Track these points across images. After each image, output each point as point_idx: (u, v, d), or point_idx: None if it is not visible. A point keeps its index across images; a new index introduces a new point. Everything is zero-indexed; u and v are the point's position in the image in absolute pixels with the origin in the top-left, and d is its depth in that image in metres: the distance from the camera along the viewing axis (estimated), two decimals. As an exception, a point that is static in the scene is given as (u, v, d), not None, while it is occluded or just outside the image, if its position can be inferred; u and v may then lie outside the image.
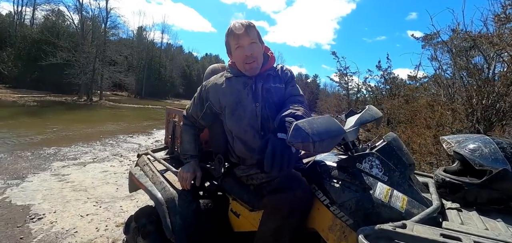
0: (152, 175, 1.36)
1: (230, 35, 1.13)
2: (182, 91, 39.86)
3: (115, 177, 3.68)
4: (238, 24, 1.11)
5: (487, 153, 0.88)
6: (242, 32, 1.09)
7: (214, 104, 1.18)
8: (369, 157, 0.93)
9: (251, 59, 1.10)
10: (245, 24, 1.11)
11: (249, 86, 1.13)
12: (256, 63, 1.12)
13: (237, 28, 1.10)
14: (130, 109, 16.94)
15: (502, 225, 0.78)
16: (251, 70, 1.12)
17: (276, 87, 1.15)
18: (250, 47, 1.10)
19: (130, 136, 7.17)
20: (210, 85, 1.20)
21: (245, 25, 1.10)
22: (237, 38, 1.10)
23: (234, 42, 1.12)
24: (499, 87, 3.14)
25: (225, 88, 1.15)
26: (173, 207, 1.14)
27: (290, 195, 0.94)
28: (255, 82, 1.13)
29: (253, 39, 1.11)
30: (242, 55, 1.10)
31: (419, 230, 0.70)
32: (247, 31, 1.09)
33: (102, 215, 2.53)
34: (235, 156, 1.22)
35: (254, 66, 1.11)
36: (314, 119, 0.83)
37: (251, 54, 1.10)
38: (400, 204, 0.83)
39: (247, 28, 1.10)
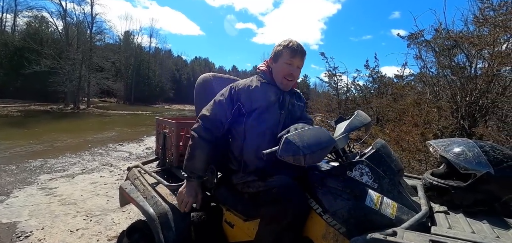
0: (143, 189, 1.33)
1: (287, 48, 1.20)
2: (172, 95, 39.44)
3: (105, 188, 3.59)
4: (299, 45, 1.21)
5: (471, 157, 0.91)
6: (299, 54, 1.20)
7: (244, 105, 1.19)
8: (359, 164, 0.95)
9: (291, 78, 1.21)
10: (304, 50, 1.24)
11: (278, 96, 1.22)
12: (292, 83, 1.25)
13: (297, 48, 1.20)
14: (119, 116, 16.59)
15: (487, 227, 0.81)
16: (286, 87, 1.23)
17: (298, 105, 1.30)
18: (296, 70, 1.22)
19: (120, 144, 7.02)
20: (241, 87, 1.22)
21: (304, 51, 1.24)
22: (293, 55, 1.19)
23: (288, 56, 1.20)
24: (481, 84, 3.26)
25: (258, 93, 1.20)
26: (165, 222, 1.12)
27: (289, 206, 0.94)
28: (283, 94, 1.23)
29: (301, 66, 1.25)
30: (287, 71, 1.20)
31: (409, 237, 0.72)
32: (302, 56, 1.22)
33: (93, 229, 2.46)
34: (236, 163, 1.21)
35: (289, 84, 1.23)
36: (304, 131, 0.84)
37: (294, 76, 1.22)
38: (390, 210, 0.85)
39: (304, 54, 1.23)
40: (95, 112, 18.09)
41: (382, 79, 7.14)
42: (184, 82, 46.28)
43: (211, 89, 1.39)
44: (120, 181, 3.91)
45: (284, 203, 0.96)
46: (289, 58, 1.19)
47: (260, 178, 1.10)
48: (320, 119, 7.31)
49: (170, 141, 1.53)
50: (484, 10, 3.08)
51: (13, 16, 22.79)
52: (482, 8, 3.07)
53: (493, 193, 0.90)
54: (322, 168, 1.05)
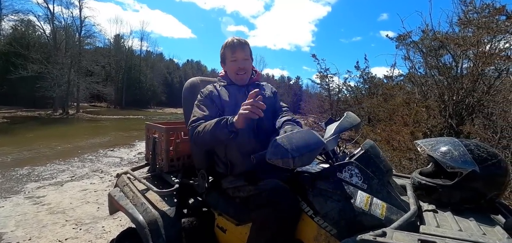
0: (133, 196, 1.30)
1: (227, 48, 1.28)
2: (164, 99, 39.03)
3: (95, 195, 3.50)
4: (236, 40, 1.27)
5: (457, 156, 0.93)
6: (238, 47, 1.25)
7: (218, 107, 1.23)
8: (349, 166, 0.95)
9: (242, 72, 1.26)
10: (242, 41, 1.28)
11: (243, 91, 1.25)
12: (246, 75, 1.29)
13: (234, 43, 1.26)
14: (109, 121, 16.27)
15: (474, 224, 0.83)
16: (241, 81, 1.28)
17: (267, 97, 1.30)
18: (243, 62, 1.26)
19: (111, 150, 6.88)
20: (210, 90, 1.27)
21: (242, 42, 1.27)
22: (233, 52, 1.25)
23: (230, 54, 1.26)
24: (467, 83, 3.36)
25: (223, 93, 1.26)
26: (155, 230, 1.10)
27: (279, 210, 0.94)
28: (247, 88, 1.26)
29: (247, 56, 1.28)
30: (235, 67, 1.26)
31: (398, 237, 0.73)
32: (242, 48, 1.26)
33: (82, 238, 2.39)
34: (223, 165, 1.21)
35: (244, 77, 1.28)
36: (293, 134, 0.84)
37: (244, 68, 1.26)
38: (379, 211, 0.85)
39: (243, 45, 1.27)
40: (85, 117, 17.70)
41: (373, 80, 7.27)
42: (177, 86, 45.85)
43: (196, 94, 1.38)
44: (110, 187, 3.82)
45: (274, 207, 0.95)
46: (232, 55, 1.25)
47: (250, 182, 1.10)
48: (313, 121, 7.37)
49: (160, 146, 1.51)
50: (467, 13, 3.18)
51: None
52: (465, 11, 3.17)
53: (478, 190, 0.92)
54: (312, 170, 1.05)
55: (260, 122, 1.15)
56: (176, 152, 1.49)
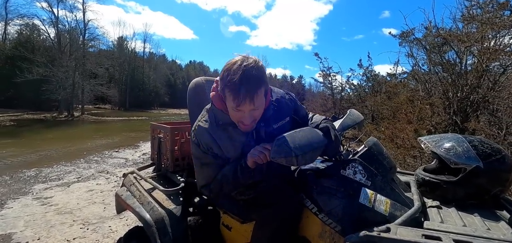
0: (140, 195, 1.33)
1: (229, 90, 0.85)
2: (167, 100, 39.25)
3: (102, 195, 3.55)
4: (244, 85, 0.82)
5: (460, 152, 0.94)
6: (246, 100, 0.83)
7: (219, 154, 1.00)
8: (352, 163, 0.96)
9: (248, 122, 0.90)
10: (252, 89, 0.83)
11: (250, 134, 0.98)
12: (254, 124, 0.94)
13: (240, 92, 0.82)
14: (114, 123, 16.43)
15: (479, 220, 0.83)
16: (248, 130, 0.95)
17: (278, 127, 1.02)
18: (250, 114, 0.88)
19: (116, 151, 6.95)
20: (205, 140, 0.98)
21: (252, 90, 0.83)
22: (237, 104, 0.84)
23: (231, 102, 0.86)
24: (471, 80, 3.33)
25: (225, 141, 0.98)
26: (162, 228, 1.12)
27: (279, 209, 0.96)
28: (255, 128, 0.97)
29: (258, 105, 0.87)
30: (239, 117, 0.90)
31: (402, 233, 0.73)
32: (252, 99, 0.84)
33: (90, 237, 2.43)
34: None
35: (251, 127, 0.93)
36: (296, 133, 0.85)
37: (254, 118, 0.91)
38: (383, 207, 0.86)
39: (253, 95, 0.84)
40: (90, 119, 17.88)
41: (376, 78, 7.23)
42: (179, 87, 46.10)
43: (203, 93, 1.39)
44: (116, 188, 3.87)
45: (275, 207, 0.97)
46: (235, 106, 0.85)
47: (250, 186, 1.09)
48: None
49: (165, 145, 1.53)
50: (471, 8, 3.15)
51: (4, 24, 22.43)
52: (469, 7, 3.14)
53: (483, 186, 0.92)
54: (316, 167, 1.06)
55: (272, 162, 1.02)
56: (181, 151, 1.51)
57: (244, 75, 0.82)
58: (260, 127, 0.98)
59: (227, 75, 0.85)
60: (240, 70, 0.83)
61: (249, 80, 0.83)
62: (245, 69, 0.83)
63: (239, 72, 0.82)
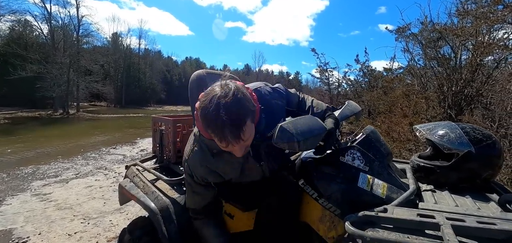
0: (143, 185, 1.36)
1: (211, 131, 0.76)
2: (164, 97, 39.01)
3: (101, 191, 3.57)
4: (227, 132, 0.73)
5: (453, 138, 0.98)
6: (232, 140, 0.75)
7: (218, 181, 1.02)
8: (351, 150, 1.00)
9: (239, 153, 0.83)
10: (237, 130, 0.74)
11: (246, 154, 0.93)
12: (248, 148, 0.88)
13: (225, 137, 0.74)
14: (110, 120, 16.32)
15: (470, 201, 0.88)
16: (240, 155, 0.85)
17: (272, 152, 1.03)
18: (241, 147, 0.80)
19: (113, 147, 6.94)
20: (200, 173, 0.95)
21: (237, 133, 0.74)
22: (224, 144, 0.77)
23: (218, 142, 0.78)
24: (466, 74, 3.40)
25: (223, 167, 0.95)
26: (167, 216, 1.15)
27: (281, 197, 1.00)
28: (250, 147, 0.91)
29: (247, 137, 0.79)
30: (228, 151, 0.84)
31: (398, 212, 0.78)
32: (239, 138, 0.75)
33: (91, 231, 2.45)
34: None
35: (242, 154, 0.84)
36: (297, 120, 0.89)
37: (244, 147, 0.82)
38: (381, 191, 0.90)
39: (240, 134, 0.75)
40: (86, 116, 17.72)
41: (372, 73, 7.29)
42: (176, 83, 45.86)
43: (205, 87, 1.41)
44: (115, 184, 3.89)
45: (275, 194, 1.03)
46: (222, 146, 0.79)
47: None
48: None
49: (167, 138, 1.56)
50: (465, 3, 3.20)
51: (-5, 20, 21.98)
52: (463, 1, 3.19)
53: (474, 170, 0.97)
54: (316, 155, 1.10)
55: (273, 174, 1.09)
56: (182, 143, 1.54)
57: (225, 115, 0.71)
58: (256, 139, 0.88)
59: (206, 114, 0.74)
60: (219, 110, 0.71)
61: (232, 119, 0.72)
62: (225, 107, 0.72)
63: (219, 112, 0.71)
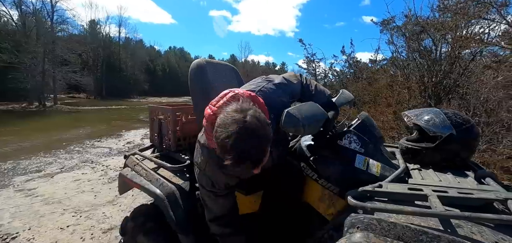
0: (146, 173, 1.38)
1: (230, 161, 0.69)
2: (147, 88, 37.75)
3: (90, 184, 3.49)
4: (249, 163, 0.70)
5: (438, 122, 1.09)
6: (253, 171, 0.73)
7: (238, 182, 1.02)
8: (348, 134, 1.09)
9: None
10: (260, 159, 0.72)
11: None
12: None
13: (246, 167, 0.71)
14: (92, 112, 15.66)
15: (451, 177, 1.00)
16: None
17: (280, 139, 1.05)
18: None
19: (98, 140, 6.72)
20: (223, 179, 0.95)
21: (260, 161, 0.72)
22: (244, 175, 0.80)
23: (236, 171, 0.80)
24: (445, 66, 3.63)
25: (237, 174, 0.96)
26: (174, 201, 1.19)
27: (286, 180, 1.07)
28: None
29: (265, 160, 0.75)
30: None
31: (391, 187, 0.88)
32: (260, 166, 0.74)
33: (84, 224, 2.43)
34: None
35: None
36: (302, 106, 0.95)
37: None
38: (375, 170, 1.00)
39: (262, 161, 0.73)
40: (64, 109, 16.85)
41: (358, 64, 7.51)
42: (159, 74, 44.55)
43: (206, 77, 1.44)
44: (104, 177, 3.82)
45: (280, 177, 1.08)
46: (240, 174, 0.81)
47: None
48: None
49: (166, 127, 1.57)
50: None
51: (-43, 5, 20.03)
52: (442, -3, 3.37)
53: (454, 151, 1.09)
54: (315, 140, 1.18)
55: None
56: (182, 132, 1.57)
57: (249, 142, 0.67)
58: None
59: (225, 140, 0.67)
60: (244, 137, 0.66)
61: (255, 146, 0.68)
62: (250, 132, 0.67)
63: (244, 139, 0.66)
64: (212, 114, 0.79)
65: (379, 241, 0.66)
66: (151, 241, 1.32)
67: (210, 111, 0.80)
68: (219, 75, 1.54)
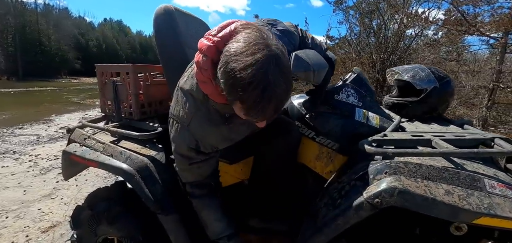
0: (104, 147, 1.09)
1: (244, 104, 0.57)
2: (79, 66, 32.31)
3: (15, 178, 2.79)
4: (271, 110, 0.57)
5: (424, 76, 1.13)
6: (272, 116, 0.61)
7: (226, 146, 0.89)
8: (345, 88, 1.03)
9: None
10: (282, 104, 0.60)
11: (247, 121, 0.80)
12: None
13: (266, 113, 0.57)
14: (7, 96, 12.63)
15: (437, 126, 1.05)
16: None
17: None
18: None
19: (20, 127, 5.46)
20: (211, 139, 0.81)
21: (281, 107, 0.61)
22: (260, 119, 0.61)
23: (249, 116, 0.59)
24: (392, 43, 4.00)
25: (237, 129, 0.84)
26: (149, 175, 0.97)
27: (287, 140, 0.97)
28: None
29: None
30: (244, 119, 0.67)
31: (396, 135, 0.86)
32: (280, 111, 0.64)
33: (15, 226, 1.91)
34: None
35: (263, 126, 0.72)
36: (307, 51, 0.84)
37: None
38: (375, 122, 0.98)
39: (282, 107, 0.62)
40: (-38, 92, 13.20)
41: (313, 43, 7.81)
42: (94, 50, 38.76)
43: (175, 26, 1.18)
44: (33, 168, 3.13)
45: (282, 137, 0.98)
46: (253, 120, 0.62)
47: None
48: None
49: (125, 90, 1.27)
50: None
51: None
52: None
53: (435, 103, 1.15)
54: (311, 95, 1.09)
55: None
56: (146, 96, 1.29)
57: (276, 75, 0.54)
58: None
59: (244, 72, 0.53)
60: (271, 67, 0.53)
61: (281, 82, 0.55)
62: (279, 63, 0.55)
63: (270, 71, 0.53)
64: (212, 46, 0.61)
65: (410, 182, 0.64)
66: (120, 229, 1.08)
67: (208, 43, 0.62)
68: (190, 30, 1.30)
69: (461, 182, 0.66)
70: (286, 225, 1.03)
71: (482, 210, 0.61)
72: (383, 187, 0.64)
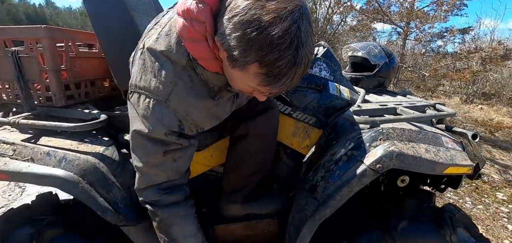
0: (18, 150, 0.76)
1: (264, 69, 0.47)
2: None
3: None
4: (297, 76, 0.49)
5: (377, 53, 1.25)
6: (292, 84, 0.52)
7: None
8: (318, 62, 1.04)
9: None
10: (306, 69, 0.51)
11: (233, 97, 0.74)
12: None
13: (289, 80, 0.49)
14: None
15: (390, 97, 1.19)
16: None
17: None
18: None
19: None
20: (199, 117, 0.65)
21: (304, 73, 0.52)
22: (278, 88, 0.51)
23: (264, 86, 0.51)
24: (322, 26, 4.40)
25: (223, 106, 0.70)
26: (101, 178, 0.72)
27: (271, 115, 0.91)
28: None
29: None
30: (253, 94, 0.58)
31: (368, 106, 0.94)
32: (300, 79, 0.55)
33: None
34: None
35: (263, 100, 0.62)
36: None
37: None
38: (346, 95, 1.03)
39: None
40: None
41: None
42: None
43: None
44: None
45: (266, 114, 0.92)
46: (266, 90, 0.53)
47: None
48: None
49: (36, 65, 0.90)
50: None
51: None
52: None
53: (383, 77, 1.31)
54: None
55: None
56: (72, 74, 0.96)
57: (307, 40, 0.46)
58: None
59: (268, 29, 0.43)
60: (301, 29, 0.44)
61: (311, 49, 0.48)
62: (307, 23, 0.46)
63: (300, 32, 0.44)
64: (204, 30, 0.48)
65: (402, 145, 0.69)
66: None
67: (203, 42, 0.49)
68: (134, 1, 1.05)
69: (430, 141, 0.76)
70: (270, 207, 0.99)
71: (449, 162, 0.72)
72: (382, 153, 0.67)
